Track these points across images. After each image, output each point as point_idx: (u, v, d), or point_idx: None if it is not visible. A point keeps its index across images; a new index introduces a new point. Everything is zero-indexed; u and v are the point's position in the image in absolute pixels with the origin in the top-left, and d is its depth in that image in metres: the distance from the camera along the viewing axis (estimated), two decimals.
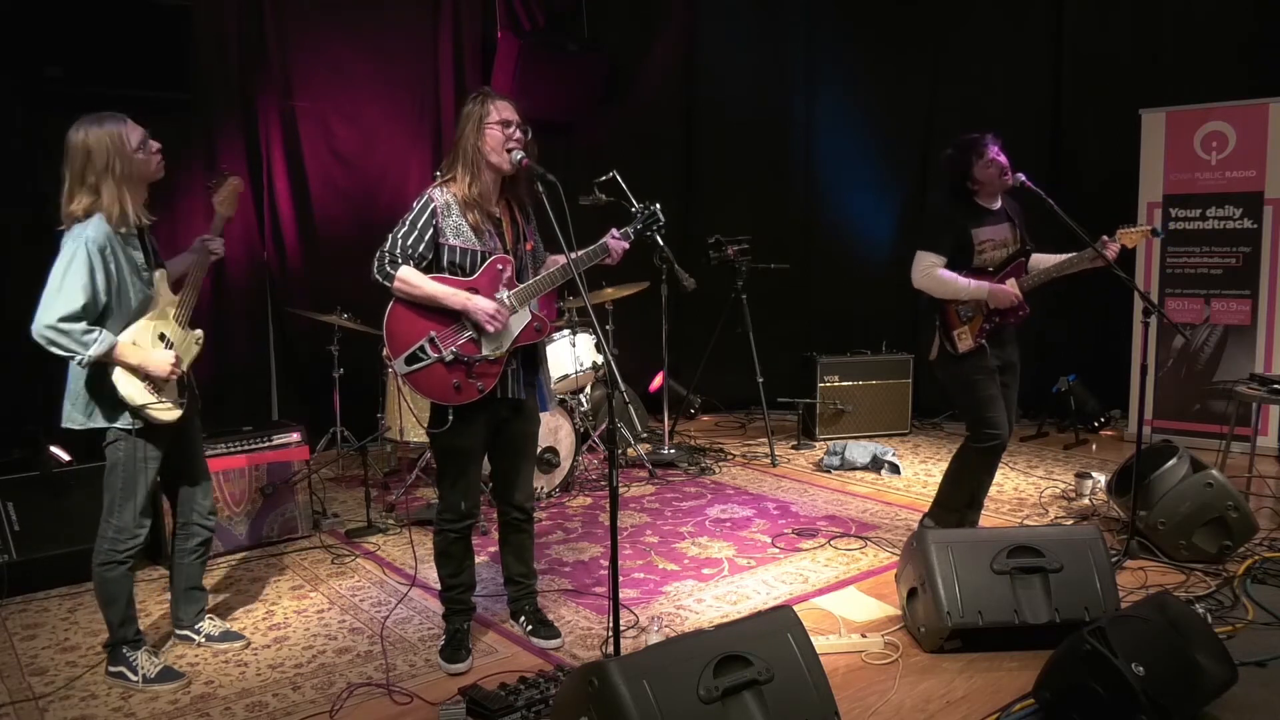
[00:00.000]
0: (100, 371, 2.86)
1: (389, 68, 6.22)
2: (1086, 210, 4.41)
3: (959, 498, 4.11)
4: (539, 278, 3.09)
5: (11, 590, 3.77)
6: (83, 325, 2.76)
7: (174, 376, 2.97)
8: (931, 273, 3.87)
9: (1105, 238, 3.85)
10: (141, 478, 2.97)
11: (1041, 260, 4.04)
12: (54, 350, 2.76)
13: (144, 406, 2.90)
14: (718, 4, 7.42)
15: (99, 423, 2.92)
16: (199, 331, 3.15)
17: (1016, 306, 3.88)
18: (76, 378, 2.92)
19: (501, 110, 3.00)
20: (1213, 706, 2.69)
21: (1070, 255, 3.92)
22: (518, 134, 2.99)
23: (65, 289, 2.75)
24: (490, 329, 2.97)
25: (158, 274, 3.05)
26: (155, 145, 2.99)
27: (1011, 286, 3.86)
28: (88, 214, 2.84)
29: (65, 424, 2.96)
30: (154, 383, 2.94)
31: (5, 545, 3.80)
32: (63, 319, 2.73)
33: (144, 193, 3.00)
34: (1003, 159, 3.86)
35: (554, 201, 2.83)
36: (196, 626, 3.34)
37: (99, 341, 2.78)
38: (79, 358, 2.77)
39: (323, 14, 5.94)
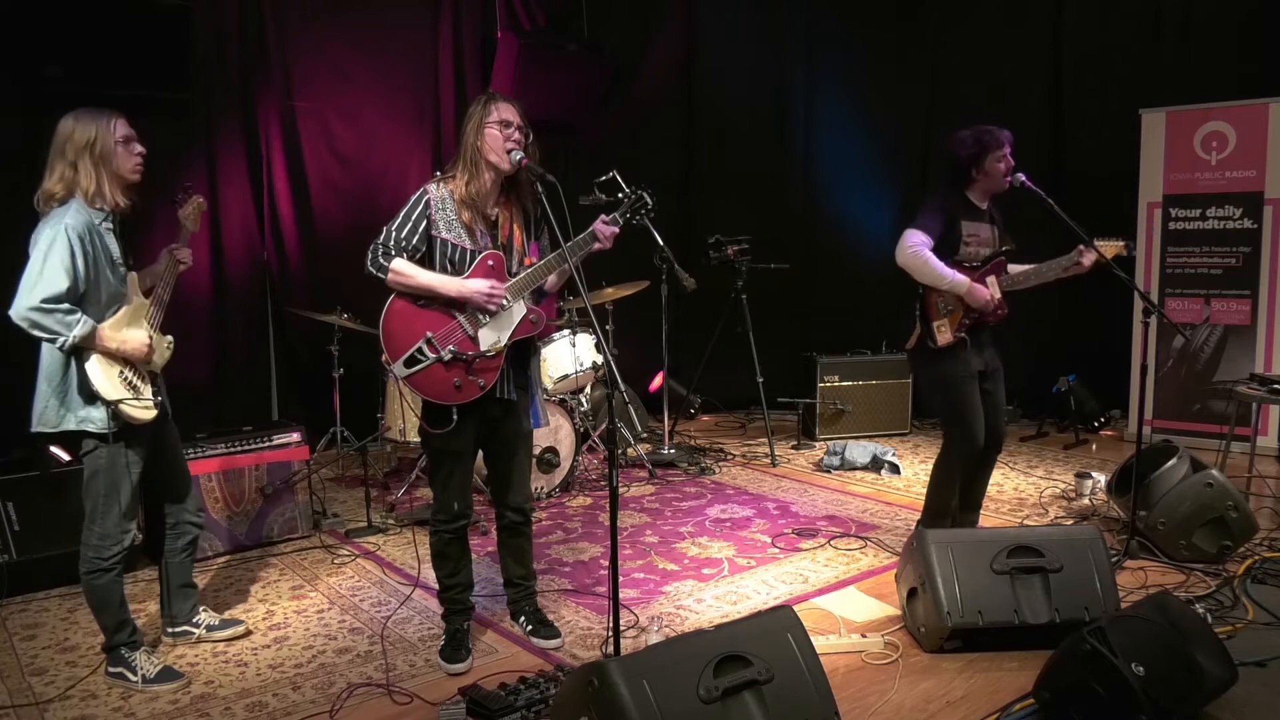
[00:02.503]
0: (70, 371, 2.84)
1: (389, 68, 6.22)
2: (1086, 210, 4.40)
3: (946, 503, 4.04)
4: (531, 269, 3.07)
5: (11, 590, 3.77)
6: (66, 306, 2.75)
7: (149, 357, 2.95)
8: (919, 252, 3.76)
9: (1081, 246, 3.84)
10: (124, 483, 2.96)
11: (1014, 269, 4.05)
12: (36, 333, 2.76)
13: (119, 402, 2.86)
14: (718, 4, 7.42)
15: (70, 425, 2.87)
16: (170, 337, 3.14)
17: (995, 307, 3.87)
18: (49, 378, 2.88)
19: (502, 111, 3.00)
20: (1213, 706, 2.69)
21: (1049, 262, 3.91)
22: (517, 134, 3.00)
23: (47, 272, 2.74)
24: (492, 307, 2.97)
25: (132, 275, 3.04)
26: (139, 148, 2.97)
27: (990, 287, 3.85)
28: (67, 192, 2.86)
29: (36, 427, 2.90)
30: (130, 379, 2.93)
31: (5, 545, 3.80)
32: (46, 300, 2.73)
33: (124, 191, 2.98)
34: (1011, 160, 3.85)
35: (554, 202, 2.84)
36: (195, 620, 3.35)
37: (82, 323, 2.77)
38: (61, 340, 2.76)
39: (323, 14, 5.94)
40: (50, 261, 2.75)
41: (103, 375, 2.86)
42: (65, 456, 3.98)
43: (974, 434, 3.85)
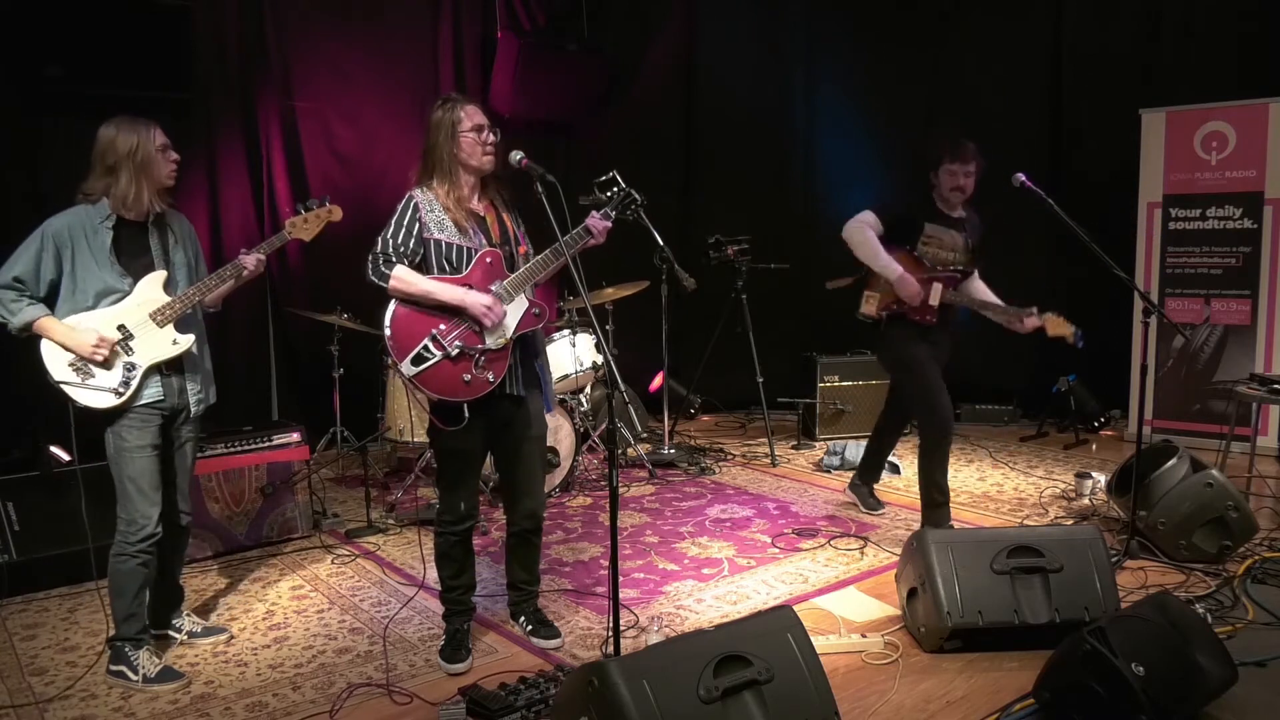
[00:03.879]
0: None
1: (389, 68, 6.22)
2: (1086, 210, 4.41)
3: (940, 491, 4.16)
4: (530, 264, 3.10)
5: (11, 590, 3.77)
6: (14, 294, 2.91)
7: (97, 356, 2.93)
8: (863, 229, 3.94)
9: (1035, 309, 3.94)
10: (130, 467, 2.99)
11: (979, 288, 4.17)
12: None
13: (60, 383, 2.93)
14: (718, 4, 7.42)
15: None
16: (185, 336, 3.10)
17: (920, 309, 3.93)
18: None
19: (473, 116, 3.06)
20: (1213, 706, 2.69)
21: (999, 304, 4.03)
22: (490, 136, 3.06)
23: (8, 263, 2.93)
24: (487, 323, 2.99)
25: (154, 274, 3.05)
26: (174, 155, 3.09)
27: (931, 292, 3.94)
28: (101, 194, 2.97)
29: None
30: (83, 365, 2.94)
31: (5, 545, 3.80)
32: None
33: (158, 196, 3.06)
34: (964, 183, 3.91)
35: (554, 202, 2.85)
36: (175, 624, 3.36)
37: (23, 312, 2.91)
38: (6, 324, 2.93)
39: (323, 14, 5.94)
40: (15, 254, 2.93)
41: (52, 357, 2.95)
42: (65, 456, 3.98)
43: (944, 410, 4.04)
